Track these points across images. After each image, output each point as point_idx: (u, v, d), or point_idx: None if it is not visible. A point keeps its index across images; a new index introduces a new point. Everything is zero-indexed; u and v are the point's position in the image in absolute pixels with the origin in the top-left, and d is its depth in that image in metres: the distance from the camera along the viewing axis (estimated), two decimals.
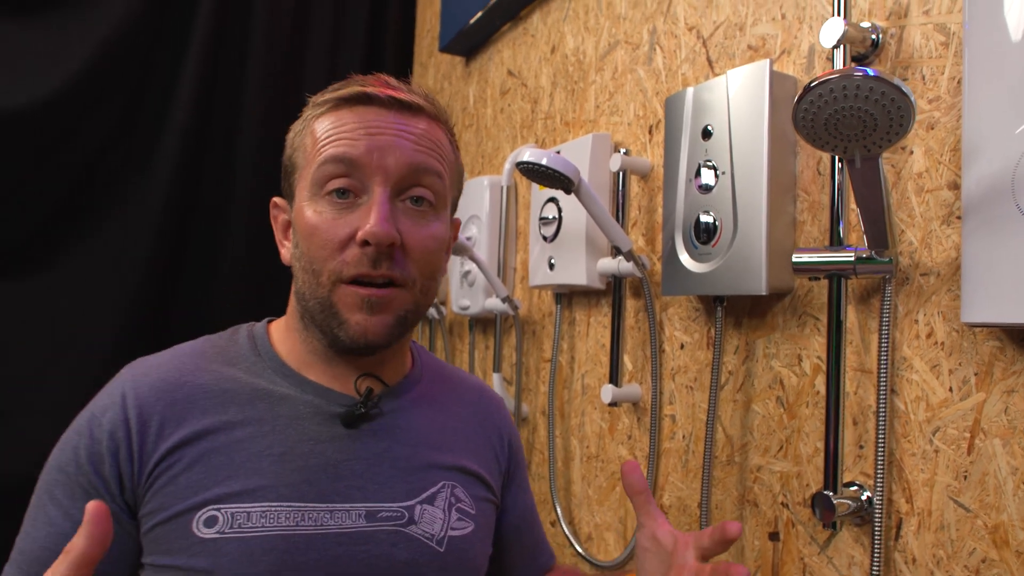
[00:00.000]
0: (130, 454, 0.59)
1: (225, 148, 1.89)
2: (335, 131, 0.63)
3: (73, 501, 0.59)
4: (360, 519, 0.62)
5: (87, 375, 1.69)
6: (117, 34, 1.73)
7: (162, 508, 0.58)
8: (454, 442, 0.72)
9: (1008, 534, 0.63)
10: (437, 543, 0.65)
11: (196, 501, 0.58)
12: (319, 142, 0.63)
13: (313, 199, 0.63)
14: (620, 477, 1.11)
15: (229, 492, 0.59)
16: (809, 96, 0.59)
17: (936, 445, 0.69)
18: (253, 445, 0.61)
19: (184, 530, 0.57)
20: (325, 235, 0.61)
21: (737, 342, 0.93)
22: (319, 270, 0.62)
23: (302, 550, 0.59)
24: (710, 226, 0.88)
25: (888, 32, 0.76)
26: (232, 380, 0.64)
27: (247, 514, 0.58)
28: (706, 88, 0.91)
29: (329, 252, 0.61)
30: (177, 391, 0.62)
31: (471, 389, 0.80)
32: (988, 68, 0.62)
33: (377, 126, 0.63)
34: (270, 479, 0.60)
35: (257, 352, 0.68)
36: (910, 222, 0.73)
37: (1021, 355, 0.63)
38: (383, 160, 0.62)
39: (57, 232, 1.70)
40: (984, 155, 0.61)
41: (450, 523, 0.67)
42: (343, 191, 0.62)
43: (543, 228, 1.24)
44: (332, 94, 0.65)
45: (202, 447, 0.60)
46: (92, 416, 0.62)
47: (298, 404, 0.65)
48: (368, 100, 0.64)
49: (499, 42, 1.66)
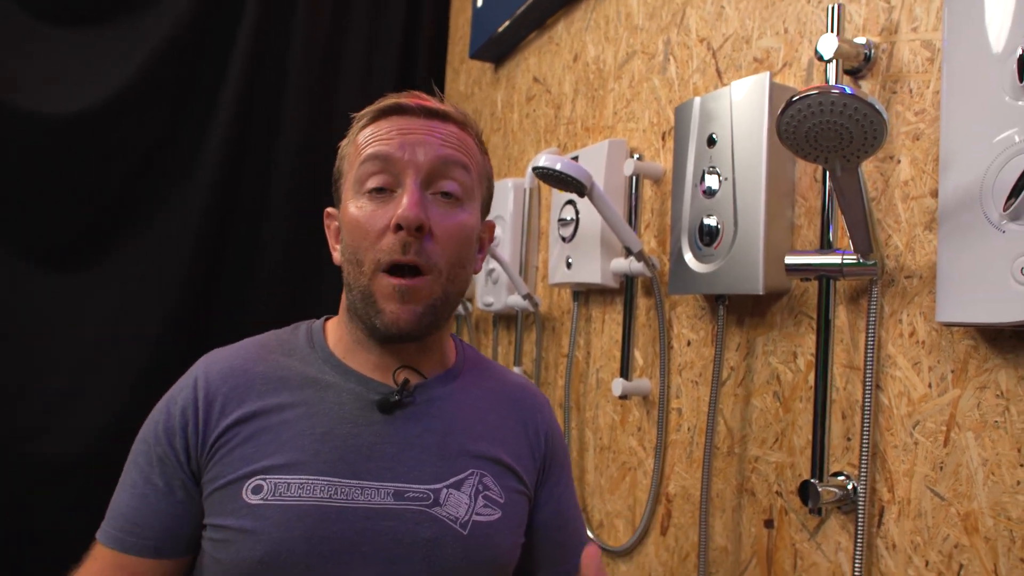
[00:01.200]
0: (196, 429, 0.68)
1: (265, 152, 2.00)
2: (373, 136, 0.71)
3: (151, 467, 0.69)
4: (388, 497, 0.68)
5: (136, 363, 1.81)
6: (165, 44, 1.84)
7: (220, 476, 0.67)
8: (488, 433, 0.76)
9: (978, 521, 0.67)
10: (460, 526, 0.69)
11: (246, 471, 0.66)
12: (360, 147, 0.72)
13: (355, 197, 0.71)
14: (631, 469, 1.17)
15: (274, 464, 0.66)
16: (790, 110, 0.64)
17: (916, 438, 0.73)
18: (298, 425, 0.69)
19: (235, 496, 0.65)
20: (365, 226, 0.69)
21: (739, 339, 0.98)
22: (362, 259, 0.69)
23: (333, 520, 0.66)
24: (713, 229, 0.93)
25: (880, 47, 0.80)
26: (287, 369, 0.72)
27: (287, 484, 0.66)
28: (712, 98, 0.96)
29: (370, 242, 0.68)
30: (240, 377, 0.71)
31: (514, 386, 0.83)
32: (964, 83, 0.66)
33: (409, 127, 0.71)
34: (310, 455, 0.67)
35: (312, 345, 0.76)
36: (896, 227, 0.77)
37: (992, 353, 0.67)
38: (414, 155, 0.69)
39: (108, 230, 1.82)
40: (958, 165, 0.66)
41: (475, 509, 0.71)
42: (380, 188, 0.69)
43: (561, 229, 1.30)
44: (372, 107, 0.74)
45: (256, 425, 0.68)
46: (171, 397, 0.71)
47: (341, 391, 0.72)
48: (401, 110, 0.72)
49: (526, 50, 1.72)
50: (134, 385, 1.78)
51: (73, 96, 1.74)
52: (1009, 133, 0.62)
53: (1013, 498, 0.64)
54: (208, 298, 1.92)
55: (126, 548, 0.67)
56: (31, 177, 1.73)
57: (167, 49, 1.83)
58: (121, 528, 0.68)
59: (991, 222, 0.62)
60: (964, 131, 0.66)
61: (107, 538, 0.68)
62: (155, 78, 1.82)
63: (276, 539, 0.64)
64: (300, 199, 1.99)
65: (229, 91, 1.92)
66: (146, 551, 0.67)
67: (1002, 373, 0.66)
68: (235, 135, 1.92)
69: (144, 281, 1.83)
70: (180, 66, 1.87)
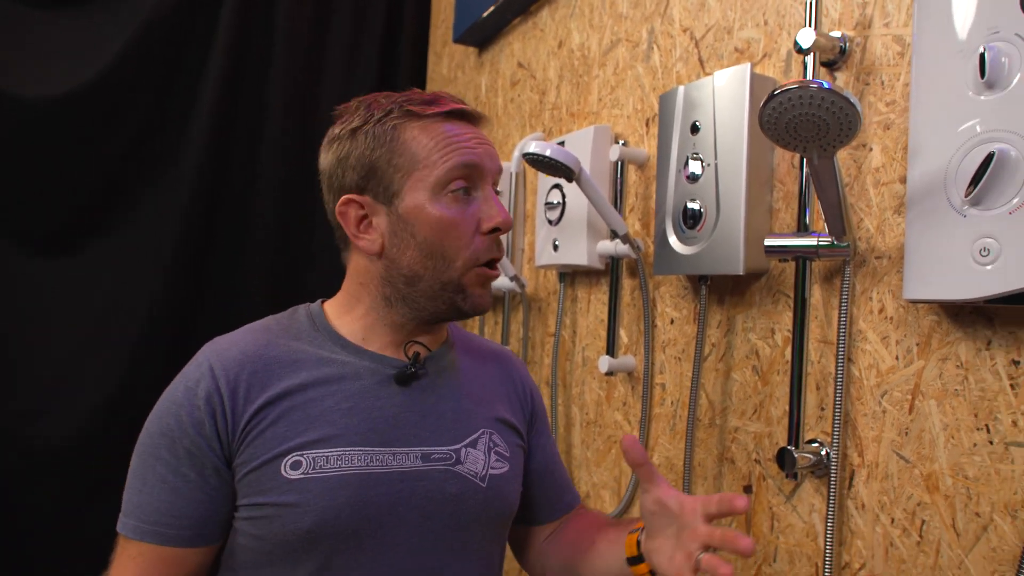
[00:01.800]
0: (224, 416, 0.70)
1: (251, 134, 2.00)
2: (456, 140, 0.75)
3: (179, 460, 0.70)
4: (417, 460, 0.74)
5: (126, 347, 1.83)
6: (148, 26, 1.84)
7: (254, 457, 0.70)
8: (488, 396, 0.84)
9: (939, 481, 0.73)
10: (480, 480, 0.78)
11: (282, 449, 0.70)
12: (441, 147, 0.74)
13: (436, 197, 0.74)
14: (616, 442, 1.22)
15: (309, 440, 0.70)
16: (772, 103, 0.69)
17: (884, 406, 0.79)
18: (324, 402, 0.73)
19: (274, 473, 0.69)
20: (460, 227, 0.74)
21: (720, 317, 1.03)
22: (452, 257, 0.74)
23: (371, 485, 0.71)
24: (696, 212, 0.98)
25: (854, 41, 0.85)
26: (299, 351, 0.76)
27: (325, 458, 0.70)
28: (695, 87, 1.00)
29: (464, 241, 0.74)
30: (256, 362, 0.73)
31: (495, 352, 0.92)
32: (931, 76, 0.71)
33: (480, 137, 0.78)
34: (341, 429, 0.72)
35: (316, 328, 0.79)
36: (868, 211, 0.82)
37: (954, 327, 0.73)
38: (490, 165, 0.77)
39: (96, 214, 1.83)
40: (925, 153, 0.71)
41: (490, 464, 0.79)
42: (465, 189, 0.75)
43: (548, 212, 1.35)
44: (436, 107, 0.75)
45: (283, 406, 0.72)
46: (187, 388, 0.71)
47: (358, 368, 0.76)
48: (467, 116, 0.78)
49: (510, 35, 1.75)
50: (125, 369, 1.80)
51: (57, 79, 1.73)
52: (971, 124, 0.67)
53: (970, 459, 0.71)
54: (198, 280, 1.93)
55: (167, 541, 0.69)
56: (16, 161, 1.73)
57: (151, 31, 1.83)
58: (158, 522, 0.69)
59: (954, 207, 0.67)
60: (930, 122, 0.71)
61: (143, 533, 0.69)
62: (139, 60, 1.82)
63: (322, 508, 0.68)
64: (288, 180, 2.01)
65: (214, 73, 1.92)
66: (187, 540, 0.70)
67: (962, 346, 0.72)
68: (221, 117, 1.93)
69: (132, 265, 1.84)
70: (164, 48, 1.87)
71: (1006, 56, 0.64)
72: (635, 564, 0.73)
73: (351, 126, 0.76)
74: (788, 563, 0.90)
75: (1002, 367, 0.69)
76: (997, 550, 0.68)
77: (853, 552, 0.82)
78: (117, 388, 1.79)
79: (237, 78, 1.97)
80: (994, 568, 0.68)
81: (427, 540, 0.73)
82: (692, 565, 0.62)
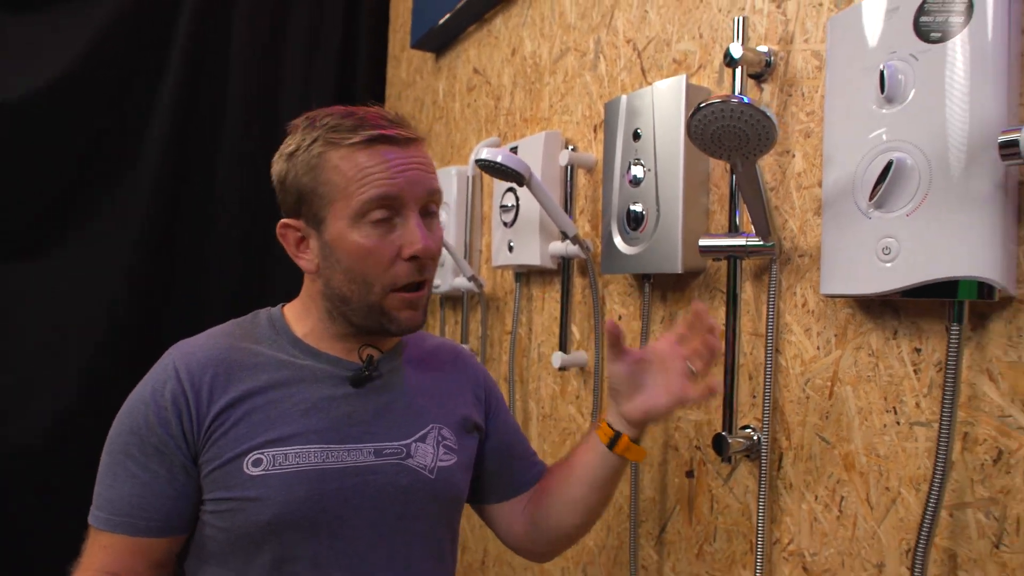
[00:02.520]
0: (190, 416, 0.75)
1: (210, 137, 2.02)
2: (373, 172, 0.75)
3: (148, 457, 0.74)
4: (370, 455, 0.79)
5: (87, 351, 1.83)
6: (107, 30, 1.85)
7: (218, 456, 0.74)
8: (439, 393, 0.89)
9: (854, 460, 0.80)
10: (429, 472, 0.83)
11: (244, 448, 0.74)
12: (356, 181, 0.75)
13: (355, 226, 0.76)
14: (571, 435, 1.28)
15: (269, 439, 0.75)
16: (698, 115, 0.74)
17: (807, 393, 0.86)
18: (284, 403, 0.77)
19: (237, 471, 0.74)
20: (376, 255, 0.76)
21: (663, 313, 1.09)
22: (371, 282, 0.77)
23: (327, 480, 0.76)
24: (639, 215, 1.04)
25: (779, 55, 0.92)
26: (260, 354, 0.80)
27: (285, 455, 0.75)
28: (637, 96, 1.06)
29: (382, 268, 0.77)
30: (219, 365, 0.77)
31: (447, 349, 0.97)
32: (842, 90, 0.78)
33: (403, 162, 0.77)
34: (300, 428, 0.77)
35: (276, 331, 0.83)
36: (792, 213, 0.89)
37: (866, 319, 0.80)
38: (414, 191, 0.77)
39: (56, 219, 1.83)
40: (837, 160, 0.78)
41: (439, 456, 0.84)
42: (386, 218, 0.76)
43: (503, 215, 1.40)
44: (354, 136, 0.76)
45: (245, 407, 0.76)
46: (154, 389, 0.76)
47: (316, 371, 0.81)
48: (389, 140, 0.77)
49: (466, 41, 1.79)
50: (88, 372, 1.80)
51: (14, 83, 1.73)
52: (877, 133, 0.74)
53: (880, 439, 0.78)
54: (159, 283, 1.94)
55: (137, 532, 0.74)
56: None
57: (109, 35, 1.84)
58: (128, 514, 0.73)
59: (860, 210, 0.74)
60: (842, 131, 0.78)
61: (113, 525, 0.74)
62: (98, 64, 1.83)
63: (281, 502, 0.73)
64: (247, 183, 2.02)
65: (173, 75, 1.94)
66: (156, 532, 0.75)
67: (873, 335, 0.79)
68: (181, 120, 1.94)
69: (94, 268, 1.84)
70: (123, 52, 1.88)
71: (902, 74, 0.71)
72: (615, 443, 0.83)
73: (288, 149, 0.79)
74: (727, 541, 0.97)
75: (907, 354, 0.76)
76: (904, 520, 0.75)
77: (783, 528, 0.88)
78: (80, 392, 1.79)
79: (196, 81, 1.99)
80: (902, 536, 0.75)
81: (381, 529, 0.78)
82: (689, 380, 0.78)
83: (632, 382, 0.81)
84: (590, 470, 0.86)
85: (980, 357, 0.69)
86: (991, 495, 0.68)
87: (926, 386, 0.74)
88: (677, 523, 1.05)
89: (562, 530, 0.91)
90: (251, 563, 0.74)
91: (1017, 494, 0.66)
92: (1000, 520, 0.67)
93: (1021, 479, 0.66)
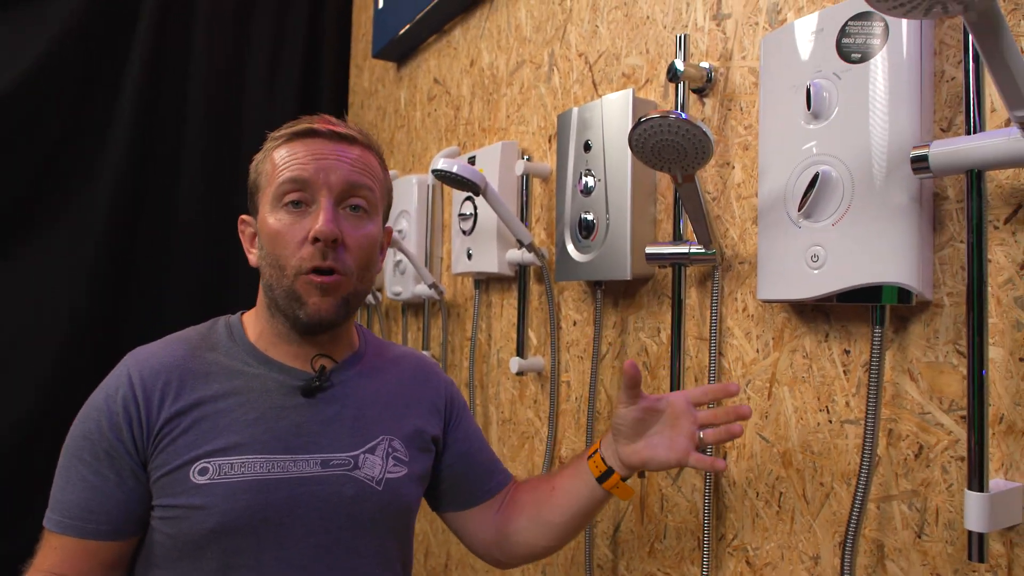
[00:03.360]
0: (140, 422, 0.76)
1: (172, 140, 2.02)
2: (290, 158, 0.80)
3: (99, 462, 0.75)
4: (316, 466, 0.80)
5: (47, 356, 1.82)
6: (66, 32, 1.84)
7: (166, 463, 0.75)
8: (393, 404, 0.89)
9: (792, 457, 0.84)
10: (376, 483, 0.83)
11: (191, 456, 0.75)
12: (278, 167, 0.80)
13: (274, 210, 0.80)
14: (529, 438, 1.30)
15: (216, 448, 0.76)
16: (638, 129, 0.78)
17: (748, 393, 0.90)
18: (233, 413, 0.78)
19: (183, 478, 0.75)
20: (286, 237, 0.78)
21: (614, 318, 1.13)
22: (284, 265, 0.79)
23: (272, 489, 0.77)
24: (590, 223, 1.07)
25: (719, 71, 0.96)
26: (214, 363, 0.81)
27: (230, 464, 0.76)
28: (587, 108, 1.10)
29: (291, 250, 0.78)
30: (172, 373, 0.79)
31: (410, 360, 0.97)
32: (774, 105, 0.82)
33: (322, 152, 0.80)
34: (247, 438, 0.78)
35: (233, 339, 0.85)
36: (732, 222, 0.93)
37: (801, 323, 0.84)
38: (327, 178, 0.79)
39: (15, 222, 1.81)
40: (770, 172, 0.82)
41: (387, 468, 0.85)
42: (296, 202, 0.79)
43: (462, 223, 1.42)
44: (286, 130, 0.82)
45: (194, 415, 0.77)
46: (107, 395, 0.77)
47: (267, 380, 0.82)
48: (314, 134, 0.81)
49: (426, 52, 1.82)
50: (48, 378, 1.79)
51: None
52: (807, 147, 0.78)
53: (815, 436, 0.82)
54: (120, 289, 1.93)
55: (86, 534, 0.75)
56: None
57: (69, 37, 1.83)
58: (78, 517, 0.74)
59: (791, 219, 0.78)
60: (775, 144, 0.82)
61: (64, 527, 0.75)
62: (58, 66, 1.82)
63: (224, 511, 0.74)
64: (209, 186, 2.02)
65: (134, 80, 1.93)
66: (105, 535, 0.75)
67: (807, 338, 0.83)
68: (143, 123, 1.94)
69: (54, 273, 1.83)
70: (83, 54, 1.87)
71: (827, 91, 0.75)
72: (605, 479, 0.84)
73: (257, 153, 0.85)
74: (676, 539, 1.00)
75: (837, 356, 0.80)
76: (836, 513, 0.79)
77: (727, 525, 0.92)
78: (40, 397, 1.78)
79: (158, 85, 1.98)
80: (835, 529, 0.79)
81: (325, 539, 0.79)
82: (695, 444, 0.79)
83: (637, 427, 0.81)
84: (574, 499, 0.87)
85: (902, 358, 0.74)
86: (913, 488, 0.72)
87: (855, 386, 0.78)
88: (630, 522, 1.08)
89: (534, 549, 0.92)
90: (197, 569, 0.75)
91: (936, 486, 0.70)
92: (922, 511, 0.71)
93: (939, 472, 0.70)
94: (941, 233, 0.71)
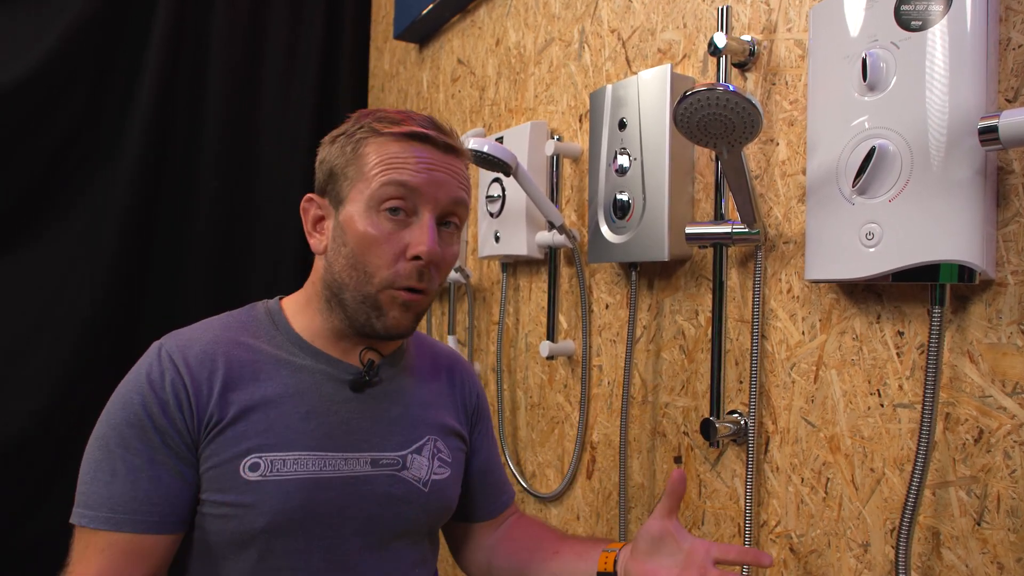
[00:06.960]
0: (191, 408, 0.72)
1: (188, 130, 2.00)
2: (399, 160, 0.74)
3: (152, 448, 0.71)
4: (366, 465, 0.79)
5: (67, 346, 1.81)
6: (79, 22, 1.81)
7: (215, 454, 0.72)
8: (436, 402, 0.88)
9: (839, 442, 0.82)
10: (423, 485, 0.82)
11: (241, 449, 0.73)
12: (382, 164, 0.74)
13: (369, 212, 0.74)
14: (559, 422, 1.29)
15: (267, 443, 0.73)
16: (684, 103, 0.75)
17: (793, 377, 0.88)
18: (282, 405, 0.76)
19: (233, 473, 0.72)
20: (383, 247, 0.74)
21: (650, 301, 1.10)
22: (372, 273, 0.74)
23: (323, 489, 0.75)
24: (625, 203, 1.05)
25: (762, 44, 0.93)
26: (259, 351, 0.78)
27: (283, 461, 0.74)
28: (622, 86, 1.07)
29: (385, 262, 0.74)
30: (217, 360, 0.75)
31: (446, 357, 0.96)
32: (824, 78, 0.79)
33: (433, 163, 0.76)
34: (298, 434, 0.75)
35: (275, 326, 0.81)
36: (776, 200, 0.90)
37: (850, 304, 0.81)
38: (436, 192, 0.75)
39: (33, 213, 1.80)
40: (820, 148, 0.79)
41: (433, 469, 0.84)
42: (396, 209, 0.74)
43: (489, 205, 1.40)
44: (395, 127, 0.76)
45: (243, 405, 0.74)
46: (149, 379, 0.73)
47: (315, 372, 0.79)
48: (427, 140, 0.76)
49: (449, 32, 1.79)
50: (65, 370, 1.79)
51: None
52: (859, 121, 0.75)
53: (865, 421, 0.79)
54: (138, 278, 1.93)
55: (147, 528, 0.70)
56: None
57: (82, 27, 1.81)
58: (135, 511, 0.70)
59: (844, 196, 0.75)
60: (825, 119, 0.79)
61: (116, 523, 0.69)
62: (71, 57, 1.80)
63: (276, 510, 0.72)
64: (226, 176, 2.01)
65: (150, 68, 1.91)
66: (163, 527, 0.71)
67: (857, 320, 0.80)
68: (158, 113, 1.92)
69: (70, 265, 1.82)
70: (97, 44, 1.85)
71: (884, 62, 0.72)
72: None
73: (336, 132, 0.80)
74: (715, 525, 0.98)
75: (890, 338, 0.77)
76: (888, 500, 0.77)
77: (770, 511, 0.90)
78: (57, 390, 1.78)
79: (174, 73, 1.96)
80: (886, 516, 0.77)
81: (371, 539, 0.78)
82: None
83: (655, 544, 0.74)
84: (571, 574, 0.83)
85: (961, 339, 0.71)
86: (972, 474, 0.70)
87: (909, 368, 0.75)
88: None
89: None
90: (236, 568, 0.73)
91: (997, 472, 0.68)
92: (981, 498, 0.69)
93: (1001, 458, 0.67)
94: (1005, 209, 0.68)
